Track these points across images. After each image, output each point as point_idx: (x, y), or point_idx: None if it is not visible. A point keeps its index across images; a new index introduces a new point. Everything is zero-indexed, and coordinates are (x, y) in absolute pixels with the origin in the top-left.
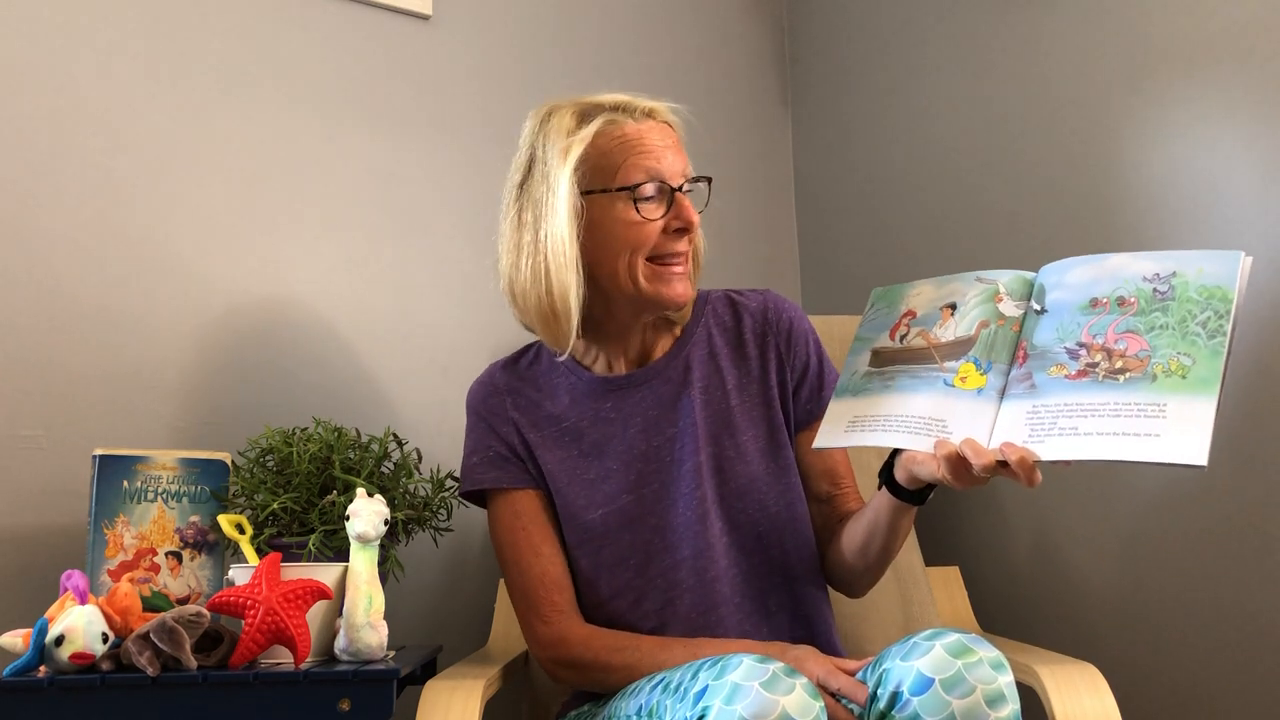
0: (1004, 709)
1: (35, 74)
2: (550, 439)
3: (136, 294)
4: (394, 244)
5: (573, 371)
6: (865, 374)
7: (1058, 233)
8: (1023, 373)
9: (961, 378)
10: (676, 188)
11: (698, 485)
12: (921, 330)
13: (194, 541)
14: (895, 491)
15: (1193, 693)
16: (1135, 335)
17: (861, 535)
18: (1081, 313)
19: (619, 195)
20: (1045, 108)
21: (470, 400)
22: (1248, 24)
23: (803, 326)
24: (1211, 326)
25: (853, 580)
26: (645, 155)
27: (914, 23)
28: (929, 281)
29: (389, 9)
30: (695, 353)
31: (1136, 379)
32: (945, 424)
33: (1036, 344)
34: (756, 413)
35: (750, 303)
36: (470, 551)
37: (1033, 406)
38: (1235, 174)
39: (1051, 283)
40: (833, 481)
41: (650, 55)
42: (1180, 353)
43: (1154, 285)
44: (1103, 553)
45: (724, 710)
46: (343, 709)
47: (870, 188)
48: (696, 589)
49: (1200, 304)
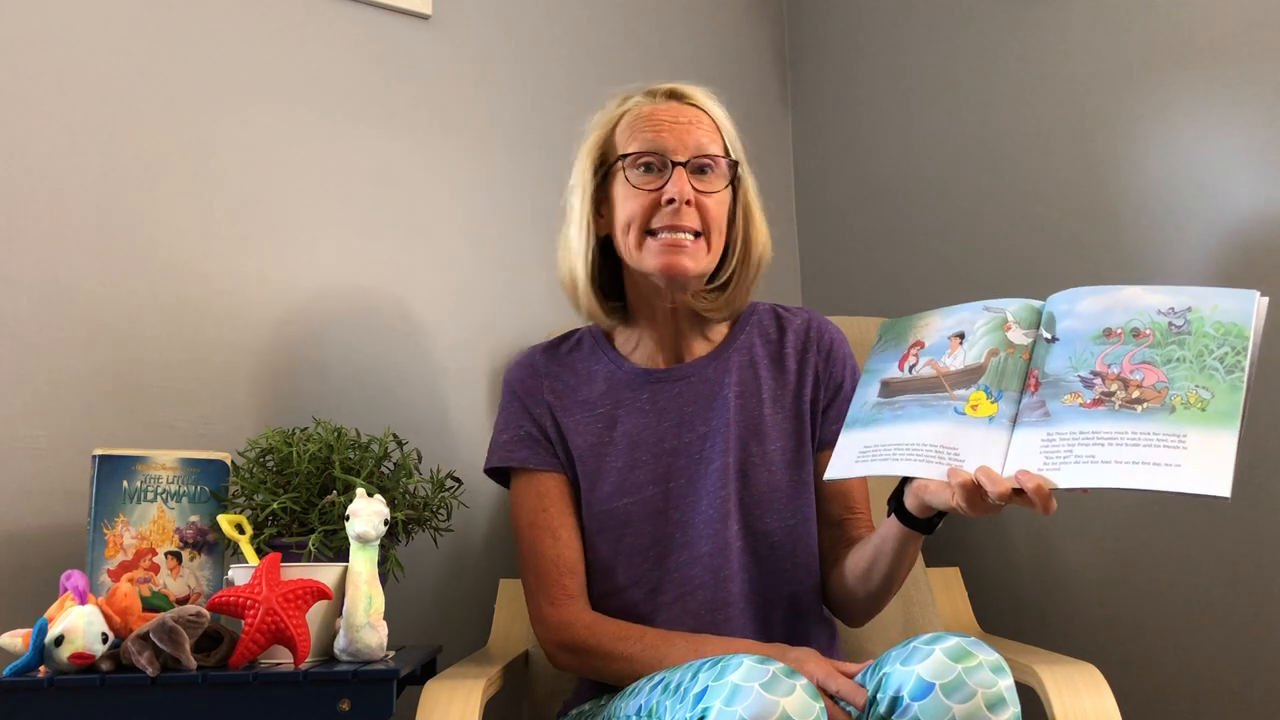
0: (1004, 713)
1: (35, 74)
2: (583, 424)
3: (136, 294)
4: (394, 244)
5: (613, 361)
6: (875, 404)
7: (1057, 233)
8: (1035, 400)
9: (973, 405)
10: (679, 162)
11: (723, 485)
12: (930, 360)
13: (194, 541)
14: (905, 519)
15: (1192, 693)
16: (1152, 366)
17: (866, 561)
18: (1095, 342)
19: (618, 166)
20: (1045, 108)
21: (508, 378)
22: (1249, 24)
23: (843, 349)
24: (1229, 362)
25: (853, 607)
26: (647, 129)
27: (914, 23)
28: (936, 312)
29: (389, 9)
30: (736, 358)
31: (1155, 409)
32: (957, 452)
33: (1049, 372)
34: (787, 425)
35: (795, 319)
36: (470, 551)
37: (1047, 434)
38: (1235, 174)
39: (1061, 311)
40: (846, 506)
41: (650, 55)
42: (1199, 385)
43: (1169, 319)
44: (1102, 553)
45: (724, 711)
46: (343, 709)
47: (870, 187)
48: (710, 586)
49: (1216, 339)
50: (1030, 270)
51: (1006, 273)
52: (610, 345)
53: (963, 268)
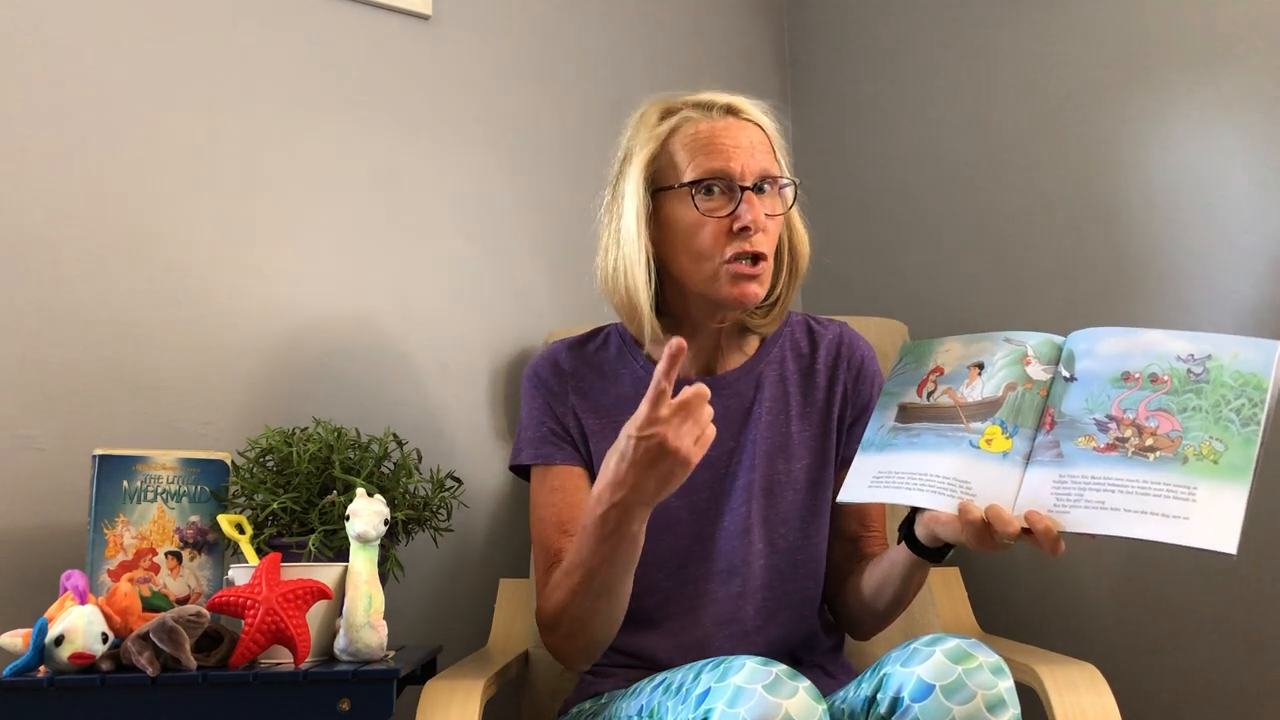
0: (1004, 714)
1: (35, 74)
2: (608, 427)
3: (136, 293)
4: (394, 244)
5: (642, 366)
6: (892, 429)
7: (1057, 232)
8: (1050, 440)
9: (987, 440)
10: (747, 186)
11: (746, 502)
12: (948, 388)
13: (194, 541)
14: (914, 547)
15: (1192, 692)
16: (1167, 414)
17: (876, 582)
18: (1112, 385)
19: (682, 192)
20: (1045, 108)
21: (532, 375)
22: (1249, 25)
23: (873, 367)
24: (1245, 414)
25: (861, 622)
26: (712, 153)
27: (914, 23)
28: (958, 339)
29: (389, 9)
30: (769, 372)
31: (1167, 459)
32: (970, 486)
33: (1065, 412)
34: (814, 442)
35: (827, 333)
36: (470, 551)
37: (1059, 476)
38: (1235, 174)
39: (1081, 350)
40: (862, 523)
41: (650, 55)
42: (1213, 437)
43: (1188, 366)
44: (1102, 553)
45: (727, 713)
46: (343, 709)
47: (870, 188)
48: (724, 602)
49: (1235, 390)
50: (1030, 270)
51: (1006, 273)
52: (639, 348)
53: (963, 268)
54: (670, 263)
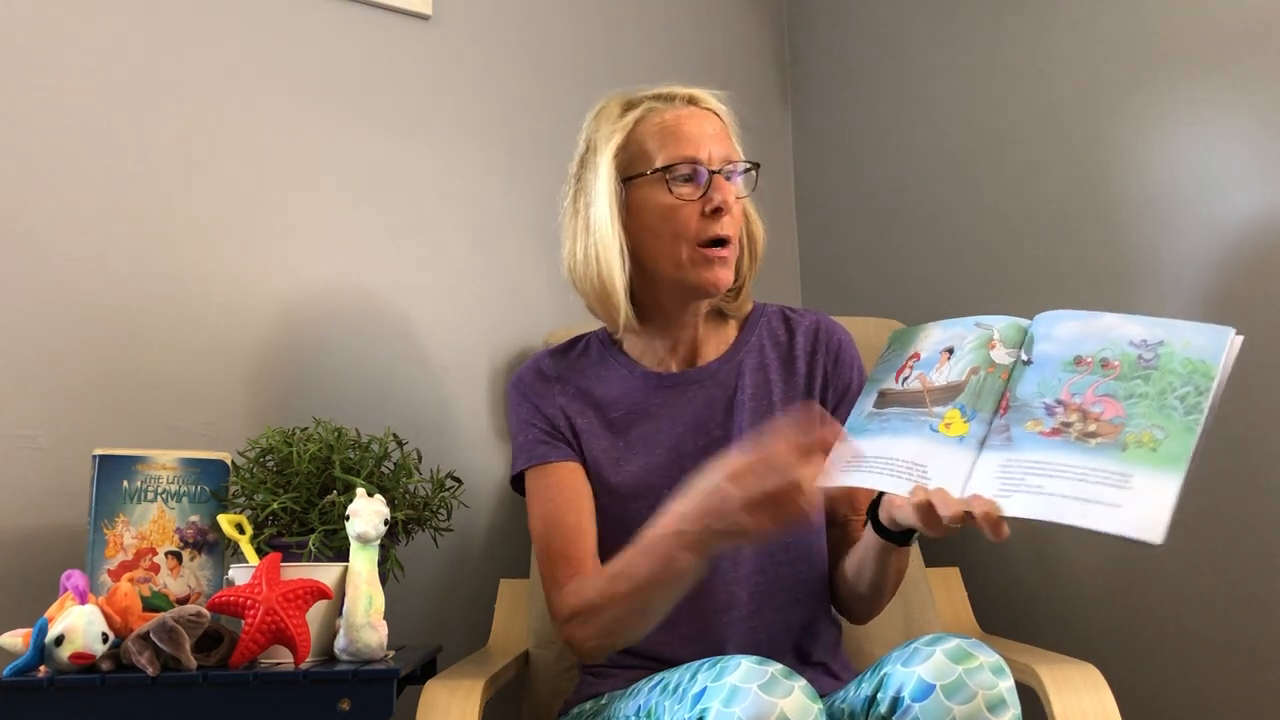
0: (1004, 714)
1: (35, 74)
2: (597, 427)
3: (136, 293)
4: (394, 244)
5: (624, 365)
6: (869, 414)
7: (1057, 233)
8: (1002, 424)
9: (946, 424)
10: (715, 170)
11: None
12: (920, 374)
13: (194, 541)
14: (879, 531)
15: (1192, 692)
16: (1113, 400)
17: (855, 566)
18: (1065, 369)
19: (655, 178)
20: (1045, 108)
21: (517, 384)
22: (1250, 25)
23: (851, 351)
24: (1190, 403)
25: (853, 606)
26: (681, 140)
27: (914, 23)
28: (938, 324)
29: (389, 9)
30: (748, 361)
31: (1107, 445)
32: (926, 470)
33: (1019, 396)
34: None
35: (803, 320)
36: (470, 551)
37: (1006, 460)
38: (1235, 174)
39: (1040, 334)
40: (852, 507)
41: (650, 55)
42: (1154, 424)
43: (1140, 351)
44: (1102, 553)
45: (722, 712)
46: (343, 709)
47: (870, 188)
48: (718, 590)
49: (1182, 377)
50: (1030, 271)
51: (1006, 273)
52: (619, 350)
53: (963, 268)
54: (640, 251)
